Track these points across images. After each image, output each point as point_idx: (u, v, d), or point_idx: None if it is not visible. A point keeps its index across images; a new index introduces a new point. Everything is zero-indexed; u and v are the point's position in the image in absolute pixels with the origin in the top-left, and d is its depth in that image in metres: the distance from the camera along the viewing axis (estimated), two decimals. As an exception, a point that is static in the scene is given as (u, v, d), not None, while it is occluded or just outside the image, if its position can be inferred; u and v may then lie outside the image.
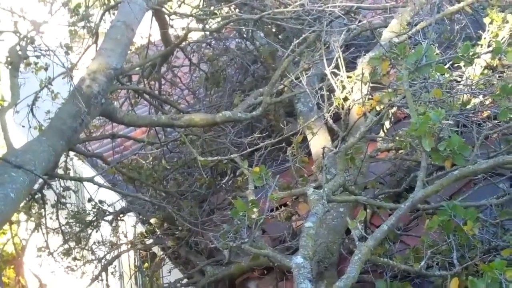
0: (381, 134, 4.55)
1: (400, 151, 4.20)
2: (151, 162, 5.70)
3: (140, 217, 5.92)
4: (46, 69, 4.91)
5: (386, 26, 5.04)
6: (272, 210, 4.73)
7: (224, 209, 5.38)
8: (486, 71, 4.26)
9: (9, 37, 4.69)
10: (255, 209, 3.33)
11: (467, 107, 3.92)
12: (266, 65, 6.29)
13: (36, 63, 5.00)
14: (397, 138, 3.88)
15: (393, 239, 3.73)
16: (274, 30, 6.50)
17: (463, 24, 5.07)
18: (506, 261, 2.78)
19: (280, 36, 6.51)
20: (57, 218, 5.44)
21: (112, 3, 6.03)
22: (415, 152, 3.82)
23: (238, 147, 4.91)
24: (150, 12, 5.20)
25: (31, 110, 4.63)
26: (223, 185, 5.40)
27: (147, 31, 5.99)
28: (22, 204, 5.11)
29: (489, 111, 4.08)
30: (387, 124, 4.62)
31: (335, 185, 3.51)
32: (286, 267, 3.15)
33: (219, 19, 5.67)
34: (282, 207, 4.88)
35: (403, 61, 3.35)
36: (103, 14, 5.69)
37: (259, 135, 4.54)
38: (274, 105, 5.28)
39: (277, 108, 5.63)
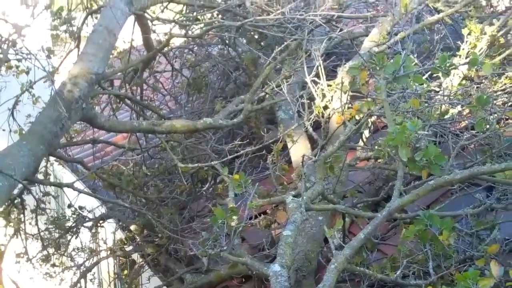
0: (360, 143, 4.59)
1: (379, 160, 4.23)
2: (132, 168, 5.70)
3: (120, 223, 5.90)
4: (27, 73, 4.88)
5: (367, 35, 5.08)
6: (251, 218, 4.74)
7: (204, 216, 5.38)
8: (464, 81, 4.31)
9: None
10: (234, 217, 3.34)
11: (445, 117, 3.96)
12: (248, 72, 6.32)
13: (17, 67, 4.98)
14: (376, 147, 3.90)
15: (370, 248, 3.75)
16: (256, 37, 6.52)
17: (443, 34, 5.12)
18: (480, 271, 2.81)
19: (262, 43, 6.53)
20: (37, 224, 5.42)
21: (95, 7, 6.04)
22: (393, 162, 3.85)
23: (219, 154, 4.92)
24: (132, 17, 5.19)
25: (12, 113, 4.60)
26: (204, 192, 5.41)
27: (129, 36, 5.97)
28: (1, 209, 5.11)
29: (466, 122, 4.13)
30: (366, 133, 4.65)
31: (314, 194, 3.53)
32: (264, 275, 3.16)
33: (202, 25, 5.68)
34: (262, 215, 4.88)
35: (381, 71, 3.38)
36: (85, 18, 5.68)
37: (240, 142, 4.56)
38: (255, 113, 5.29)
39: (258, 116, 5.65)
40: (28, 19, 4.66)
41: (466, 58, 4.25)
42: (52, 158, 5.23)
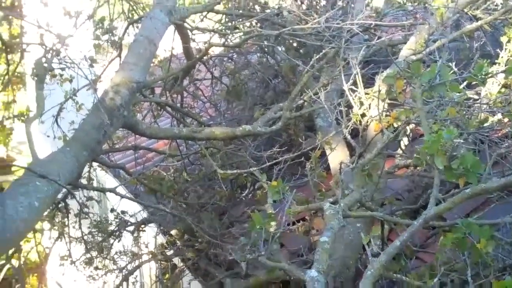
0: (399, 150, 4.58)
1: (418, 168, 4.22)
2: (172, 174, 5.78)
3: (161, 228, 5.99)
4: (70, 81, 5.02)
5: (405, 43, 5.08)
6: (289, 224, 4.77)
7: (243, 222, 5.43)
8: (504, 89, 4.27)
9: (35, 49, 4.82)
10: (272, 223, 3.38)
11: (484, 125, 3.94)
12: (287, 80, 6.35)
13: (61, 75, 5.11)
14: (414, 155, 3.90)
15: (409, 255, 3.75)
16: (294, 45, 6.56)
17: (483, 41, 5.08)
18: (519, 279, 2.79)
19: (300, 51, 6.57)
20: (80, 228, 5.54)
21: (136, 17, 6.17)
22: (432, 169, 3.84)
23: (257, 161, 4.97)
24: (172, 27, 5.30)
25: (56, 120, 4.74)
26: (243, 198, 5.47)
27: (169, 44, 6.08)
28: (46, 213, 5.25)
29: (506, 130, 4.09)
30: (405, 141, 4.65)
31: (351, 201, 3.55)
32: (302, 280, 3.19)
33: (241, 34, 5.75)
34: (300, 221, 4.91)
35: (417, 80, 3.38)
36: (126, 28, 5.81)
37: (278, 149, 4.60)
38: (293, 120, 5.33)
39: (297, 123, 5.68)
40: (72, 29, 4.79)
41: (505, 66, 4.22)
42: (95, 164, 5.34)
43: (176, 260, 6.25)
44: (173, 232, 5.85)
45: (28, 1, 6.64)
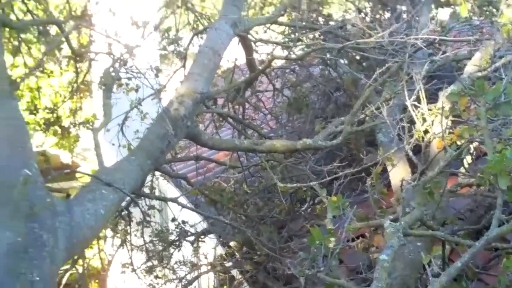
0: (462, 169, 4.49)
1: (481, 187, 4.13)
2: (233, 186, 5.83)
3: (221, 239, 6.03)
4: (136, 91, 5.14)
5: (470, 58, 4.98)
6: (349, 241, 4.74)
7: (302, 236, 5.42)
8: None
9: (103, 58, 4.97)
10: (332, 239, 3.37)
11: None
12: (349, 93, 6.33)
13: (127, 84, 5.24)
14: (478, 174, 3.82)
15: (471, 277, 3.67)
16: (357, 58, 6.54)
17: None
18: None
19: (363, 64, 6.54)
20: (142, 236, 5.65)
21: (201, 28, 6.28)
22: (496, 189, 3.76)
23: (317, 175, 4.96)
24: (236, 38, 5.36)
25: (121, 129, 4.86)
26: (302, 212, 5.46)
27: (233, 55, 6.16)
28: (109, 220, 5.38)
29: None
30: (468, 159, 4.55)
31: (412, 219, 3.51)
32: (360, 298, 3.18)
33: (303, 46, 5.77)
34: (360, 238, 4.87)
35: (481, 98, 3.32)
36: (191, 38, 5.92)
37: (339, 164, 4.58)
38: (354, 134, 5.30)
39: (358, 137, 5.65)
40: (139, 39, 4.92)
41: None
42: (157, 173, 5.43)
43: (235, 272, 6.28)
44: (232, 243, 5.89)
45: (97, 10, 6.85)
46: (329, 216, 3.84)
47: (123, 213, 5.21)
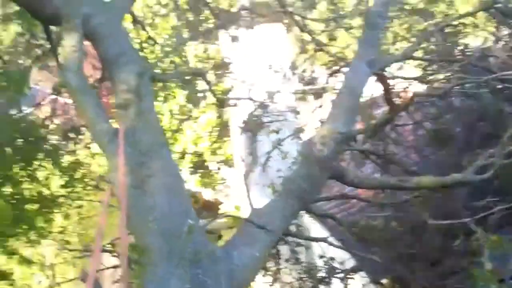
0: None
1: None
2: (381, 223, 5.76)
3: (371, 276, 5.96)
4: (277, 132, 5.29)
5: None
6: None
7: (457, 273, 5.23)
8: None
9: (244, 102, 5.16)
10: (494, 285, 3.25)
11: None
12: (493, 123, 6.09)
13: (269, 127, 5.40)
14: None
15: None
16: (499, 87, 6.29)
17: None
18: None
19: (505, 92, 6.27)
20: (291, 273, 5.71)
21: (336, 67, 6.36)
22: None
23: (468, 209, 4.80)
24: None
25: (264, 168, 5.01)
26: (455, 248, 5.27)
27: (369, 90, 6.14)
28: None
29: None
30: None
31: None
32: None
33: (442, 78, 5.66)
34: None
35: None
36: (328, 78, 6.01)
37: (491, 199, 4.41)
38: (505, 167, 5.08)
39: (509, 169, 5.40)
40: (276, 83, 5.07)
41: None
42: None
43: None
44: (384, 281, 5.79)
45: (235, 58, 7.12)
46: (486, 254, 3.71)
47: (272, 251, 5.31)
